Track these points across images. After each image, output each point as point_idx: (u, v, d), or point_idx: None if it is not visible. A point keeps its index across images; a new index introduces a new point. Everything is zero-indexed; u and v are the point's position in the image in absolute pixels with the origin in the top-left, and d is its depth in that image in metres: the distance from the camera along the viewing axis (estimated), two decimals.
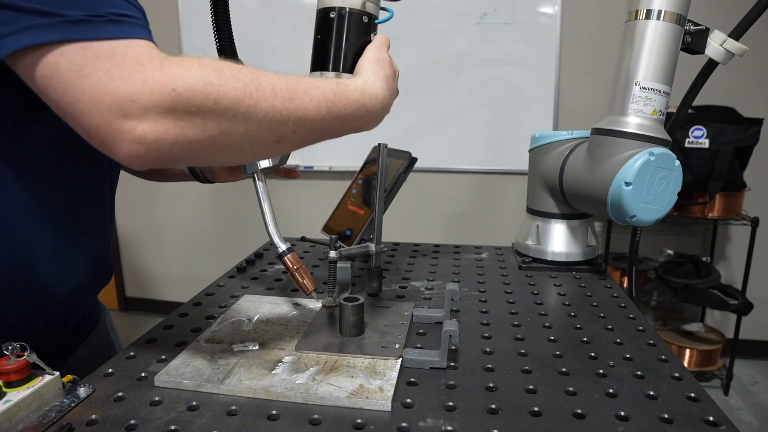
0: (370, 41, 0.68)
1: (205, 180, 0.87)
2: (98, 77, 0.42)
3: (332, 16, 0.67)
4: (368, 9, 0.67)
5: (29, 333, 0.61)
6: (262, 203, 0.75)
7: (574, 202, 1.00)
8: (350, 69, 0.67)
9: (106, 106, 0.43)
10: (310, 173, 2.85)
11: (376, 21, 0.69)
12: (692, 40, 0.87)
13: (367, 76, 0.63)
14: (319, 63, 0.68)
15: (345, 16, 0.66)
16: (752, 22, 0.87)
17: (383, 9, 0.70)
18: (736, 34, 0.88)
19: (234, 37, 0.71)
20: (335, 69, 0.67)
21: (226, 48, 0.70)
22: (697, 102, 2.46)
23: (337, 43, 0.67)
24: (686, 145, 2.17)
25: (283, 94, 0.51)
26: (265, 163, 0.74)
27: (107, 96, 0.42)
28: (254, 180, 0.75)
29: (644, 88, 0.84)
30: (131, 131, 0.44)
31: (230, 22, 0.70)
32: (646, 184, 0.82)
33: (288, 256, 0.74)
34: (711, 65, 0.92)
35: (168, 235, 3.24)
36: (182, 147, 0.47)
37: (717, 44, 0.87)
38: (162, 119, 0.44)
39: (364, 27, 0.67)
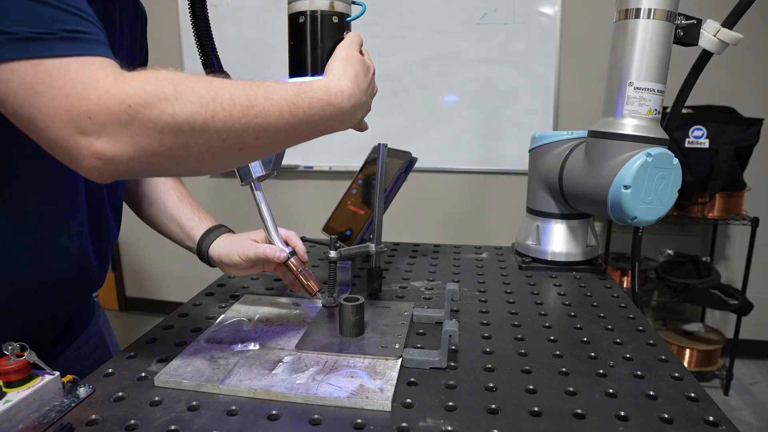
0: (343, 40, 0.68)
1: (210, 264, 0.82)
2: (52, 95, 0.43)
3: (302, 20, 0.66)
4: (337, 8, 0.67)
5: (16, 328, 0.62)
6: (261, 210, 0.75)
7: (574, 203, 1.00)
8: None
9: (62, 123, 0.43)
10: (309, 173, 2.85)
11: (347, 19, 0.69)
12: (684, 34, 0.87)
13: (333, 75, 0.62)
14: (296, 69, 0.68)
15: (316, 19, 0.66)
16: (744, 10, 0.86)
17: (355, 3, 0.70)
18: (729, 22, 0.87)
19: (216, 46, 0.69)
20: (314, 73, 0.67)
21: (209, 61, 0.68)
22: (697, 102, 2.43)
23: (312, 47, 0.66)
24: (686, 145, 2.17)
25: (242, 101, 0.51)
26: (259, 171, 0.73)
27: (63, 113, 0.43)
28: (251, 188, 0.75)
29: (638, 88, 0.84)
30: (90, 147, 0.44)
31: (211, 33, 0.69)
32: (645, 185, 0.82)
33: (291, 259, 0.75)
34: (705, 57, 0.92)
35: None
36: (141, 161, 0.47)
37: (710, 35, 0.87)
38: (119, 135, 0.44)
39: (335, 27, 0.67)
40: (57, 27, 0.44)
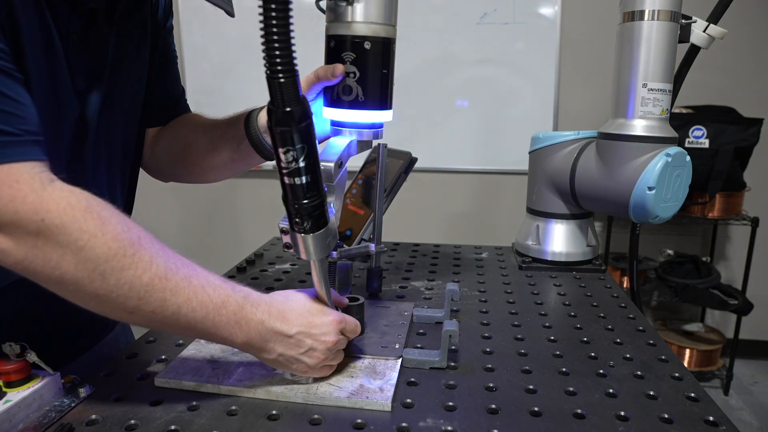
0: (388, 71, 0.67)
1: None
2: None
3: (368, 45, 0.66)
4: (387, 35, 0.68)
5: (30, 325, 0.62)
6: (319, 285, 0.62)
7: (587, 204, 1.00)
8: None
9: None
10: None
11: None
12: (681, 32, 0.89)
13: (275, 305, 0.56)
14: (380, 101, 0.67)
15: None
16: (726, 6, 0.89)
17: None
18: (714, 18, 0.90)
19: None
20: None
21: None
22: (697, 102, 2.42)
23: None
24: (686, 145, 2.17)
25: (159, 271, 0.48)
26: (324, 253, 0.59)
27: None
28: (312, 266, 0.61)
29: (652, 89, 0.85)
30: None
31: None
32: (665, 184, 0.85)
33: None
34: (694, 51, 0.94)
35: (167, 236, 3.24)
36: (29, 269, 0.45)
37: (700, 31, 0.89)
38: (19, 237, 0.44)
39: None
40: None
